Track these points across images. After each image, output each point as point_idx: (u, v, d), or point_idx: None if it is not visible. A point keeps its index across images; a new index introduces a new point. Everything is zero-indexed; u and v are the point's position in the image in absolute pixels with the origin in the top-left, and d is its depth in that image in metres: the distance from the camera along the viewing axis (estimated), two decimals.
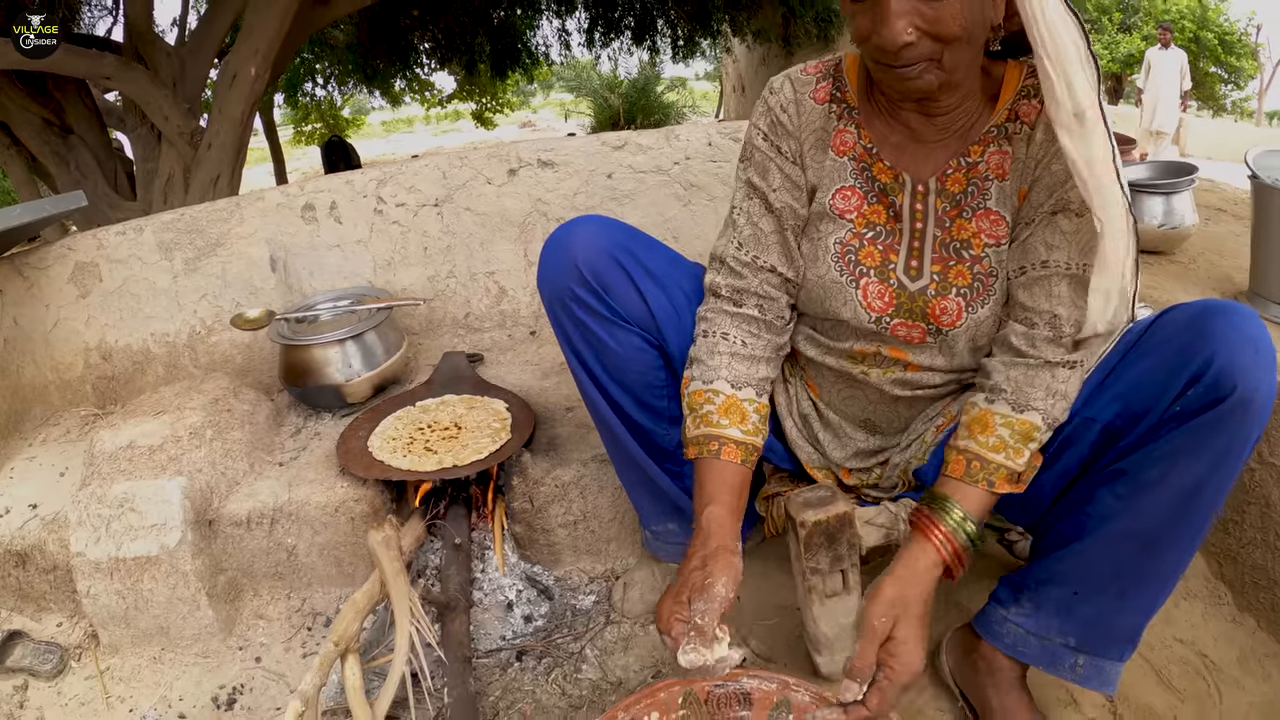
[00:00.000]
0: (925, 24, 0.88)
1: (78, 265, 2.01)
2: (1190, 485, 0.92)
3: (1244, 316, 0.89)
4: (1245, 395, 0.86)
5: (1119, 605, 1.00)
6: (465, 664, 1.26)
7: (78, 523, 1.45)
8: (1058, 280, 0.98)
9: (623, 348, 1.15)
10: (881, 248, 1.06)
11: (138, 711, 1.37)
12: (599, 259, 1.10)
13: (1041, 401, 0.98)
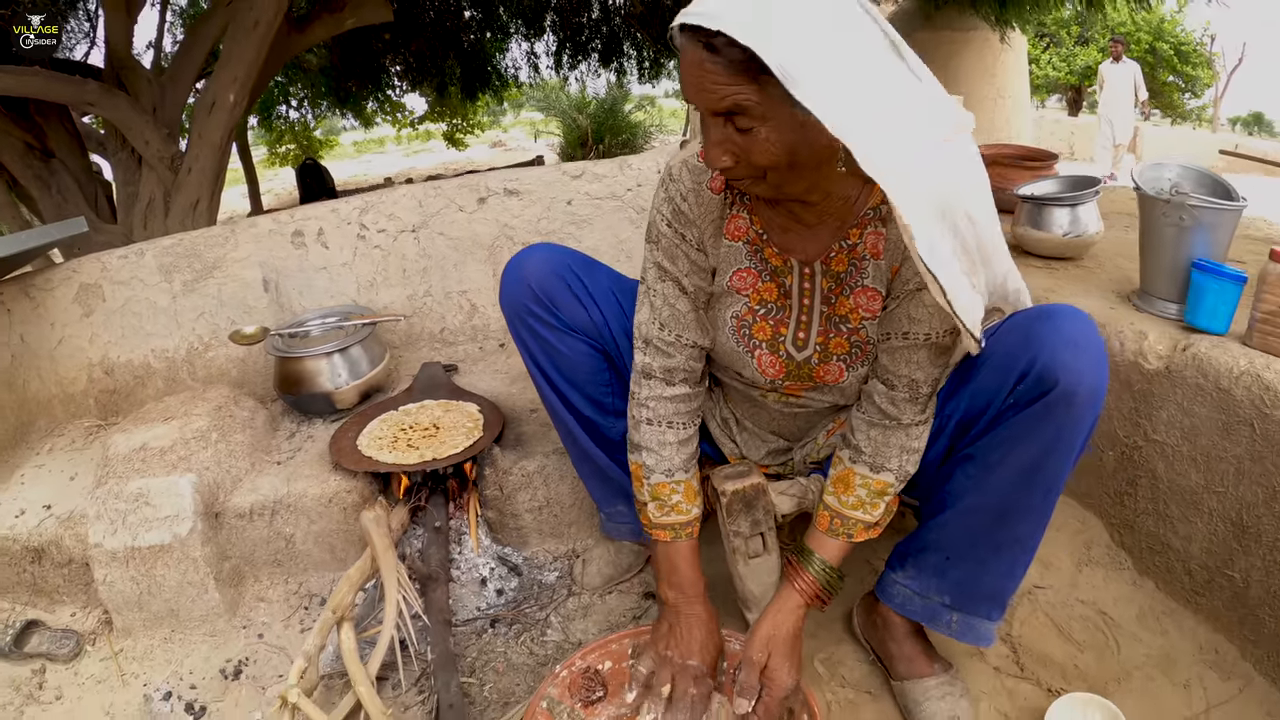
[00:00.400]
0: (739, 152, 0.98)
1: (82, 286, 2.21)
2: (1028, 465, 1.09)
3: (1067, 319, 1.05)
4: (1067, 389, 1.02)
5: (982, 569, 1.20)
6: (446, 626, 1.48)
7: (96, 517, 1.66)
8: (918, 349, 1.13)
9: (572, 352, 1.37)
10: (772, 322, 1.22)
11: (151, 685, 1.55)
12: (548, 279, 1.32)
13: (895, 460, 1.17)
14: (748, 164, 0.99)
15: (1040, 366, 1.04)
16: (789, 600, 1.22)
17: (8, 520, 1.77)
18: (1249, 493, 1.31)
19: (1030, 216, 1.93)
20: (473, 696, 1.42)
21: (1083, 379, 1.02)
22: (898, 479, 1.19)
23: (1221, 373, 1.34)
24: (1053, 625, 1.46)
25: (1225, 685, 1.32)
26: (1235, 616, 1.37)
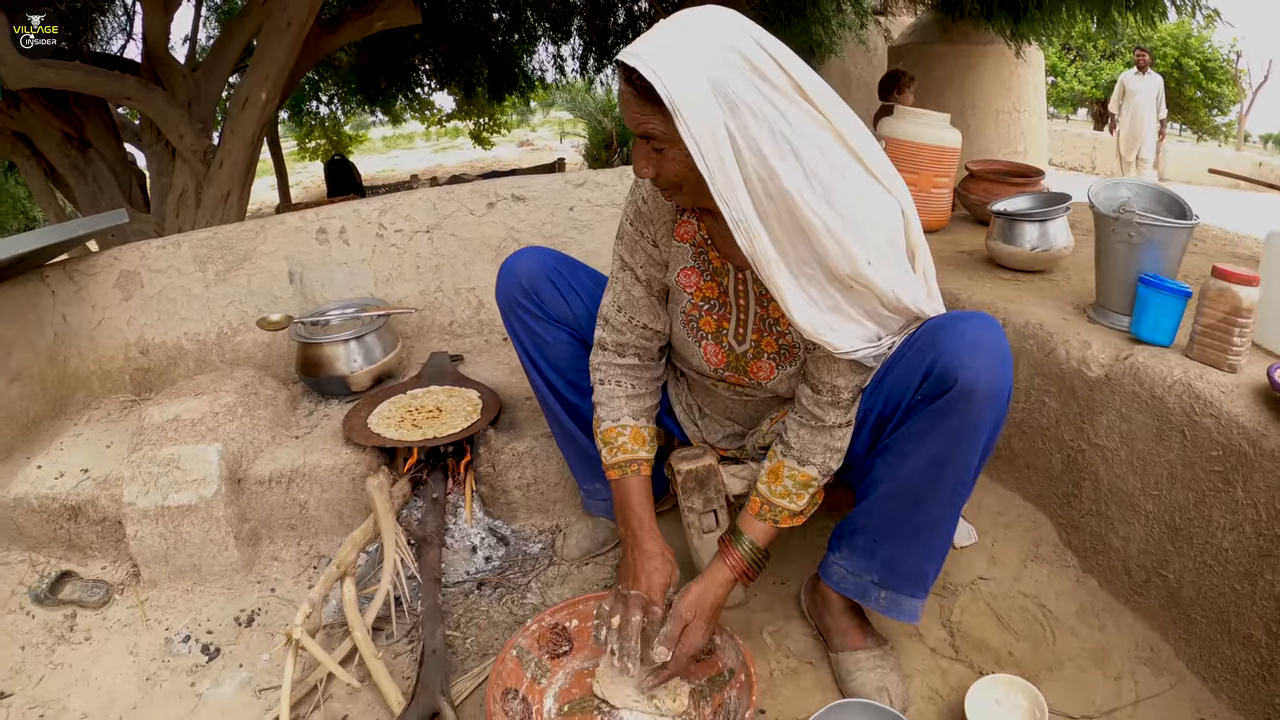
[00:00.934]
0: (656, 168, 1.18)
1: (122, 273, 2.46)
2: (936, 456, 1.23)
3: (968, 324, 1.20)
4: (966, 386, 1.16)
5: (904, 550, 1.35)
6: (436, 585, 1.69)
7: (130, 478, 1.89)
8: (838, 359, 1.27)
9: (555, 341, 1.59)
10: (716, 317, 1.41)
11: (172, 629, 1.77)
12: (535, 277, 1.55)
13: (819, 457, 1.33)
14: (664, 177, 1.19)
15: (941, 367, 1.19)
16: (719, 574, 1.38)
17: (47, 481, 2.00)
18: (1181, 496, 1.41)
19: (1001, 231, 2.08)
20: (455, 647, 1.62)
21: (980, 377, 1.17)
22: (820, 473, 1.34)
23: (1156, 381, 1.46)
24: (993, 614, 1.58)
25: (1157, 681, 1.40)
26: (1170, 616, 1.45)
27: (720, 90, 1.06)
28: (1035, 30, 4.53)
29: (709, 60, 1.06)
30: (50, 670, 1.68)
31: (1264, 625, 1.26)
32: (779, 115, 1.09)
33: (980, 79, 5.07)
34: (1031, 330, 1.77)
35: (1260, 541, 1.27)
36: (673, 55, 1.06)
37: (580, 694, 1.42)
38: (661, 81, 1.04)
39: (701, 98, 1.05)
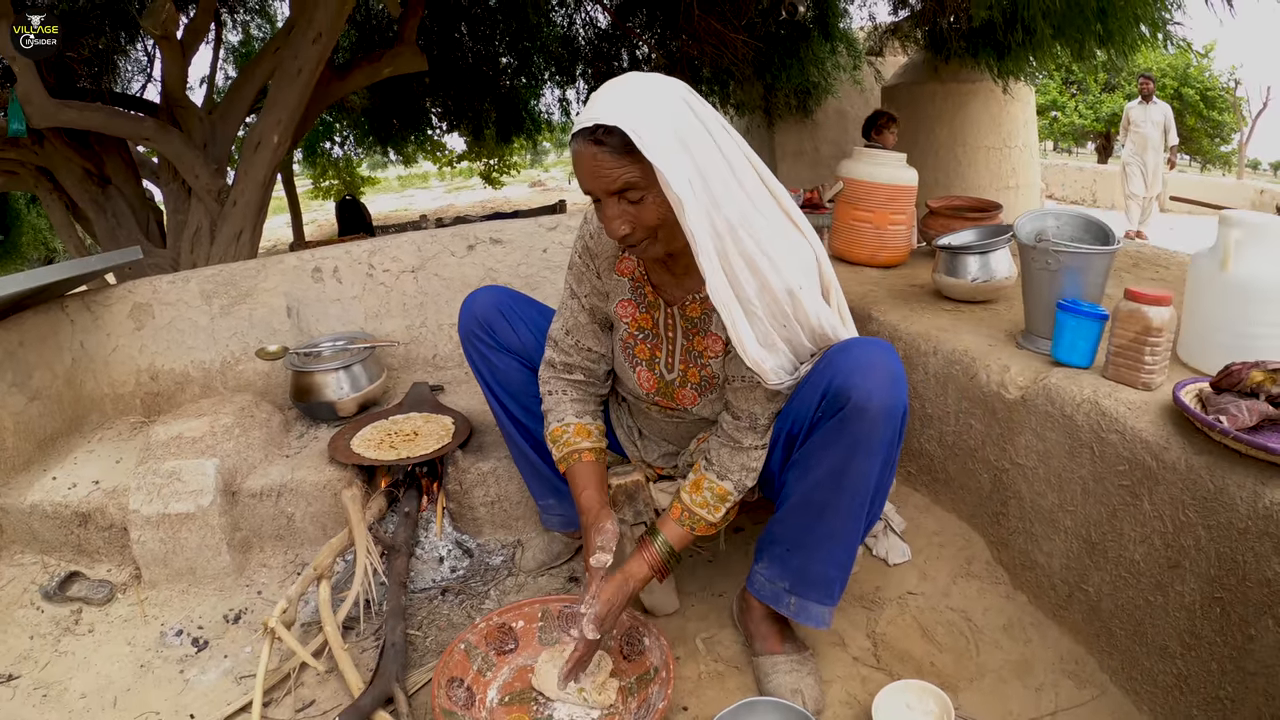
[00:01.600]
0: (634, 219, 1.31)
1: (135, 305, 2.74)
2: (835, 469, 1.39)
3: (861, 348, 1.36)
4: (859, 404, 1.32)
5: (810, 559, 1.50)
6: (401, 588, 1.90)
7: (136, 488, 2.13)
8: (755, 389, 1.46)
9: (506, 368, 1.81)
10: (649, 346, 1.62)
11: (167, 625, 1.98)
12: (488, 311, 1.77)
13: (736, 474, 1.51)
14: (642, 227, 1.32)
15: (835, 387, 1.35)
16: (638, 567, 1.55)
17: (61, 491, 2.25)
18: (1094, 511, 1.52)
19: (945, 264, 2.27)
20: (416, 645, 1.82)
21: (872, 396, 1.32)
22: (736, 489, 1.52)
23: (1066, 401, 1.58)
24: (918, 627, 1.70)
25: (1079, 693, 1.48)
26: (1092, 629, 1.54)
27: (682, 139, 1.24)
28: (1019, 67, 4.80)
29: (670, 114, 1.24)
30: (55, 657, 1.90)
31: (1178, 636, 1.35)
32: (725, 161, 1.29)
33: (970, 116, 5.33)
34: (958, 356, 1.95)
35: (1168, 553, 1.36)
36: (641, 111, 1.22)
37: (521, 687, 1.61)
38: (639, 135, 1.20)
39: (673, 145, 1.22)
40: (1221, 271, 1.55)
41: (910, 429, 2.14)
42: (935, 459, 2.08)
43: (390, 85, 7.31)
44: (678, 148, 1.23)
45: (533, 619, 1.73)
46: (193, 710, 1.70)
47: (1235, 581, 1.25)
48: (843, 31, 5.69)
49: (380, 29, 6.90)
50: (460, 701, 1.53)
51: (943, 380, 2.01)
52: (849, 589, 1.84)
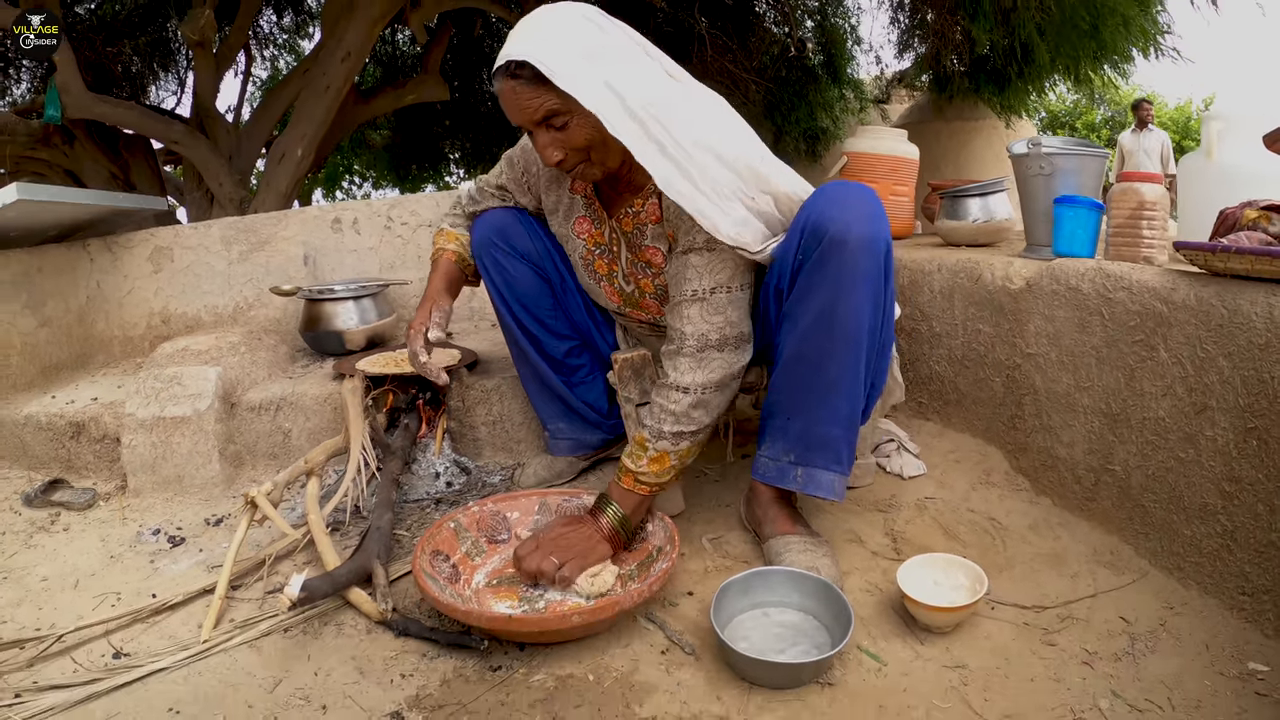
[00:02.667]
0: (564, 144, 1.34)
1: (156, 248, 2.72)
2: (823, 309, 1.33)
3: (835, 187, 1.35)
4: (838, 235, 1.29)
5: (811, 418, 1.43)
6: (393, 484, 1.77)
7: (135, 392, 2.07)
8: (688, 305, 1.41)
9: (521, 276, 1.77)
10: (606, 261, 1.64)
11: (145, 526, 1.88)
12: (505, 220, 1.75)
13: (651, 418, 1.45)
14: (573, 150, 1.35)
15: (812, 224, 1.32)
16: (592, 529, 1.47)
17: (58, 405, 2.20)
18: (1111, 379, 1.48)
19: (947, 209, 2.26)
20: (403, 543, 1.71)
21: (850, 227, 1.29)
22: (652, 434, 1.45)
23: (1070, 274, 1.57)
24: (939, 526, 1.62)
25: (1118, 578, 1.40)
26: (1125, 513, 1.47)
27: (590, 56, 1.27)
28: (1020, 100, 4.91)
29: (574, 35, 1.28)
30: (24, 550, 1.81)
31: (1215, 487, 1.28)
32: (642, 65, 1.32)
33: (974, 153, 5.42)
34: (962, 265, 1.93)
35: (1192, 397, 1.31)
36: (546, 40, 1.27)
37: (513, 573, 1.48)
38: (544, 64, 1.25)
39: (581, 66, 1.26)
40: (1207, 161, 1.67)
41: (918, 352, 2.10)
42: (945, 379, 2.02)
43: (411, 124, 7.50)
44: (586, 66, 1.26)
45: (529, 511, 1.64)
46: (155, 591, 1.59)
47: (1266, 403, 1.19)
48: (850, 76, 5.83)
49: (405, 65, 7.09)
50: (445, 575, 1.43)
51: (948, 293, 1.97)
52: (862, 496, 1.78)
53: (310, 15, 6.88)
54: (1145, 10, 3.63)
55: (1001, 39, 3.94)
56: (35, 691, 1.25)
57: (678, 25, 5.62)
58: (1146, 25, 3.71)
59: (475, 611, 1.30)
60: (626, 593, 1.30)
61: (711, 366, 1.43)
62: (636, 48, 1.36)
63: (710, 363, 1.43)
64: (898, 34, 5.17)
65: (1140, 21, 3.64)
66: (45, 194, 2.22)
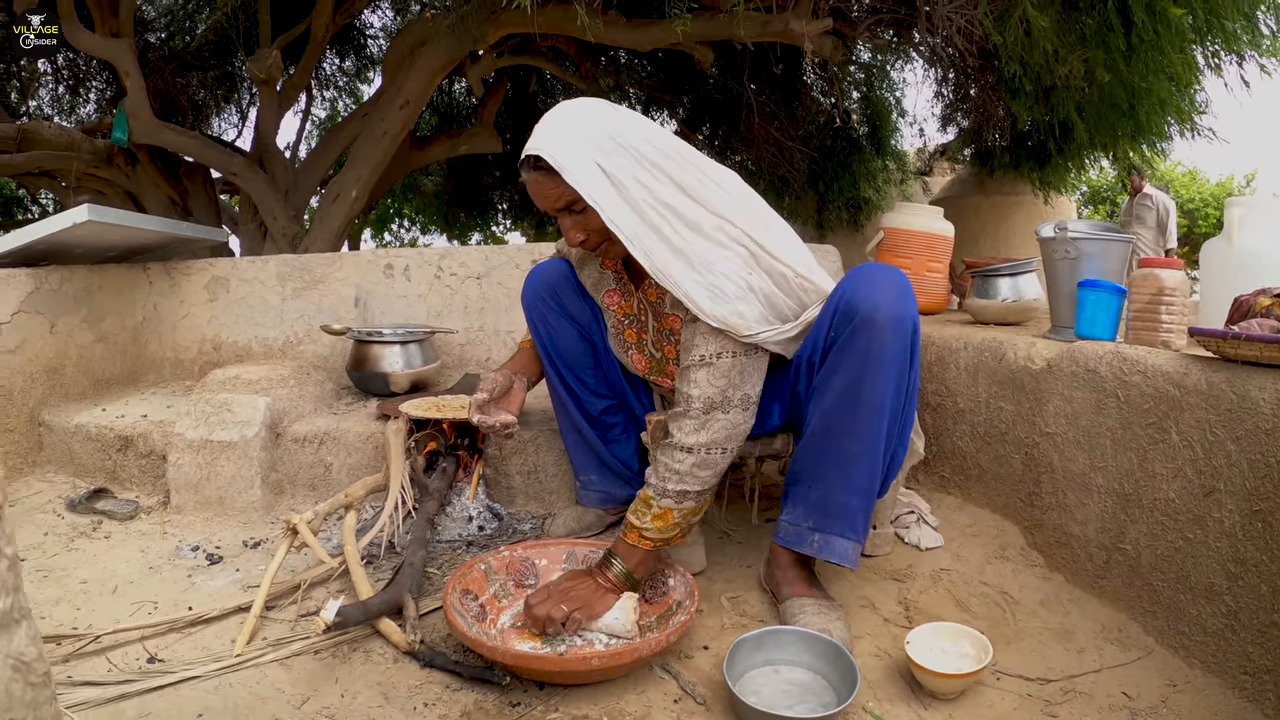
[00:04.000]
0: (584, 227, 1.47)
1: (213, 277, 2.89)
2: (849, 385, 1.42)
3: (867, 268, 1.45)
4: (867, 314, 1.38)
5: (829, 487, 1.51)
6: (428, 524, 1.88)
7: (184, 414, 2.21)
8: (696, 369, 1.48)
9: (566, 335, 1.88)
10: (635, 330, 1.76)
11: (184, 542, 1.99)
12: (556, 279, 1.85)
13: (656, 475, 1.50)
14: (593, 232, 1.48)
15: (844, 303, 1.43)
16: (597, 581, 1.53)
17: (108, 418, 2.34)
18: (1125, 461, 1.54)
19: (977, 288, 2.34)
20: (432, 580, 1.79)
21: (879, 307, 1.39)
22: (656, 492, 1.50)
23: (1090, 356, 1.63)
24: (952, 598, 1.68)
25: (1123, 654, 1.44)
26: (1134, 591, 1.52)
27: (600, 154, 1.39)
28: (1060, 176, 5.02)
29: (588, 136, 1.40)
30: (65, 552, 1.93)
31: (1222, 568, 1.33)
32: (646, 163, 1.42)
33: (1014, 228, 5.52)
34: (987, 345, 2.00)
35: (1201, 480, 1.37)
36: (561, 138, 1.40)
37: None
38: (556, 159, 1.38)
39: (587, 164, 1.39)
40: (1228, 246, 1.70)
41: (942, 427, 2.16)
42: (968, 455, 2.08)
43: (462, 172, 7.75)
44: (592, 166, 1.39)
45: (557, 559, 1.71)
46: (191, 604, 1.68)
47: (1271, 487, 1.24)
48: (894, 148, 5.98)
49: (460, 116, 7.37)
50: (473, 614, 1.50)
51: (973, 371, 2.05)
52: (879, 564, 1.84)
53: (372, 61, 7.21)
54: (1182, 90, 3.72)
55: (1042, 116, 4.04)
56: (69, 686, 1.35)
57: (726, 92, 5.82)
58: (1183, 105, 3.79)
59: (500, 648, 1.37)
60: (644, 641, 1.37)
61: (715, 428, 1.49)
62: (647, 144, 1.44)
63: (714, 424, 1.49)
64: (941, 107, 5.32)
65: (1176, 101, 3.72)
66: (114, 216, 2.39)
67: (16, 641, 0.48)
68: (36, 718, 0.49)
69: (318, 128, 8.19)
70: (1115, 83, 3.32)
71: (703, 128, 6.59)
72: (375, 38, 7.10)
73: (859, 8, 4.37)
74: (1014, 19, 2.87)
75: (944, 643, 1.41)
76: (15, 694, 0.47)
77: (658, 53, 5.58)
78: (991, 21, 2.98)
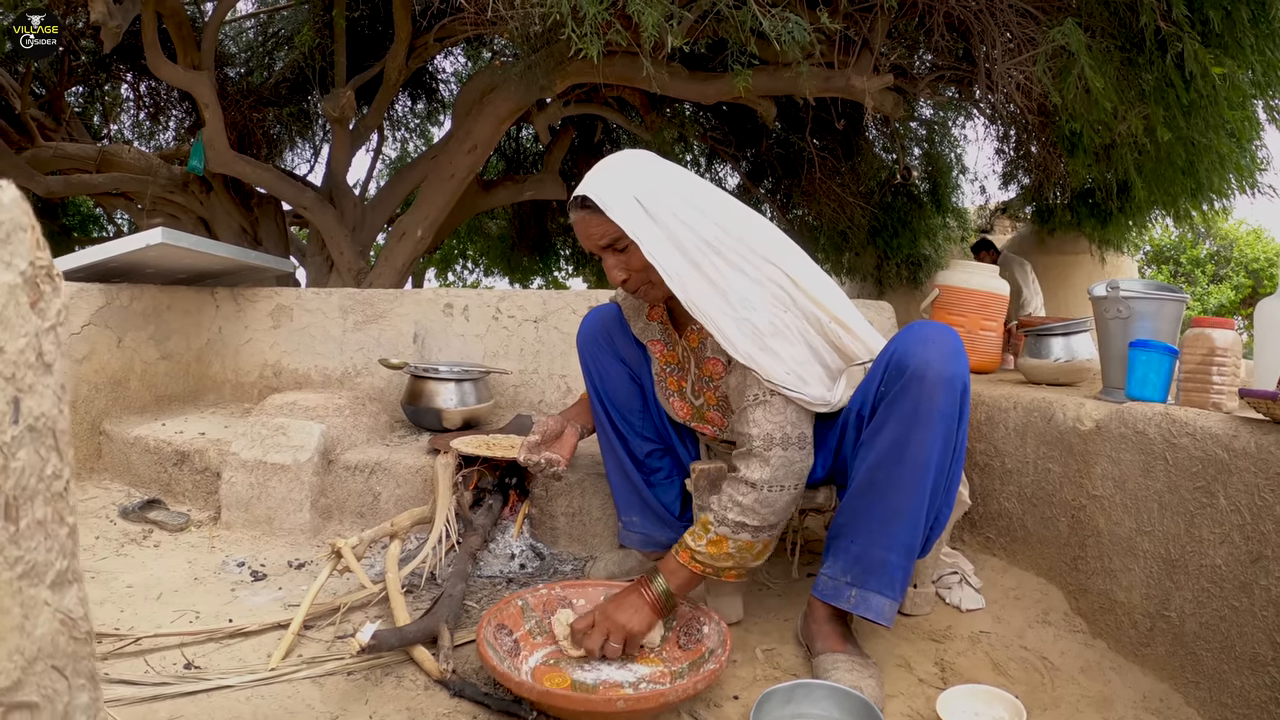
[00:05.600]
0: (626, 266, 1.53)
1: (278, 305, 3.01)
2: (897, 440, 1.44)
3: (920, 325, 1.47)
4: (918, 371, 1.41)
5: (869, 542, 1.51)
6: (470, 558, 1.93)
7: (240, 435, 2.30)
8: (752, 409, 1.50)
9: (617, 377, 1.92)
10: (677, 378, 1.80)
11: (231, 557, 2.07)
12: (611, 322, 1.91)
13: (719, 501, 1.52)
14: (635, 272, 1.54)
15: (896, 358, 1.46)
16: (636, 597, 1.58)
17: (167, 433, 2.46)
18: (1172, 525, 1.51)
19: (1030, 347, 2.32)
20: (470, 613, 1.82)
21: (930, 364, 1.41)
22: (716, 519, 1.53)
23: (1138, 418, 1.61)
24: (990, 661, 1.65)
25: None
26: (1177, 660, 1.48)
27: (645, 193, 1.47)
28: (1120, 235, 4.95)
29: (631, 180, 1.48)
30: (114, 557, 2.03)
31: (1268, 638, 1.29)
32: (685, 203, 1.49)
33: (1074, 287, 5.44)
34: (1036, 405, 1.98)
35: (1249, 545, 1.34)
36: (607, 181, 1.49)
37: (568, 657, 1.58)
38: (600, 198, 1.47)
39: (629, 202, 1.46)
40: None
41: (989, 487, 2.13)
42: (1014, 516, 2.04)
43: (527, 217, 7.93)
44: (633, 203, 1.46)
45: (594, 599, 1.72)
46: (232, 616, 1.75)
47: None
48: (954, 205, 5.95)
49: (527, 161, 7.57)
50: (506, 648, 1.52)
51: (1022, 431, 2.02)
52: (917, 625, 1.81)
53: (443, 105, 7.48)
54: (1243, 147, 3.65)
55: (1102, 174, 4.00)
56: (107, 682, 1.41)
57: (788, 147, 5.89)
58: (1242, 161, 3.71)
59: (527, 684, 1.39)
60: (672, 688, 1.38)
61: (775, 464, 1.50)
62: (688, 187, 1.52)
63: (774, 460, 1.50)
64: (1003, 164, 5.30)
65: (1236, 158, 3.65)
66: (186, 241, 2.53)
67: (68, 599, 0.55)
68: (75, 669, 0.55)
69: (388, 167, 8.49)
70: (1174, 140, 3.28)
71: (764, 181, 6.67)
72: (447, 82, 7.38)
73: (920, 64, 4.40)
74: (1072, 77, 2.87)
75: (977, 705, 1.39)
76: (60, 645, 0.54)
77: (721, 106, 5.68)
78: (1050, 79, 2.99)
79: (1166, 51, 3.00)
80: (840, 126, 4.81)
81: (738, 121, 6.01)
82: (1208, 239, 15.98)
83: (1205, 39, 2.97)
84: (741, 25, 2.86)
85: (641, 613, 1.54)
